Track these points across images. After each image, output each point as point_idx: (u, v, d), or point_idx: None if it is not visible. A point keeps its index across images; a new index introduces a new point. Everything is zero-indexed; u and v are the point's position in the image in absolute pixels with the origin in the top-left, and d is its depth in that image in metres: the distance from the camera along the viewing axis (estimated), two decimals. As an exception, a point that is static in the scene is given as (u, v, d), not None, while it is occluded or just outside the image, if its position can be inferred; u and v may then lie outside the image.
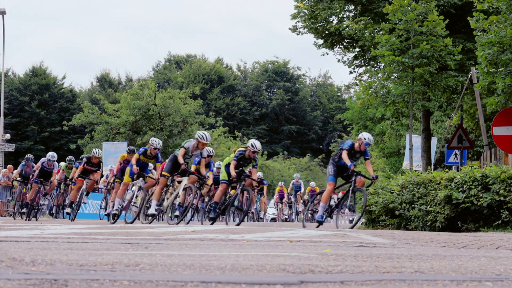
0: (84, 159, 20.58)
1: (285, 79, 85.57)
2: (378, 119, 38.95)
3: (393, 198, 14.47)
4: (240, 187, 17.15)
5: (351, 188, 14.92)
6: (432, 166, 24.47)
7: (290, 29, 31.09)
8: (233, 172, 16.57)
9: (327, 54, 33.82)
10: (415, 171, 19.07)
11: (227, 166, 17.25)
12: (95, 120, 50.83)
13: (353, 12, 30.52)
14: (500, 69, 20.46)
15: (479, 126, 25.91)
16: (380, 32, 27.26)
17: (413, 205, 13.97)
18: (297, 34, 31.33)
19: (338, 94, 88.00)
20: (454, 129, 30.67)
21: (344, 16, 30.71)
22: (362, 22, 29.13)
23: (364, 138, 15.08)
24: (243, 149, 17.05)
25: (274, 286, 2.57)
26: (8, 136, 37.64)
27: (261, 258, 3.89)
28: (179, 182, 16.99)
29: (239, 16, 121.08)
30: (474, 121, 30.00)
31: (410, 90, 25.78)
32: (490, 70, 20.59)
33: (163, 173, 16.70)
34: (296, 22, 31.07)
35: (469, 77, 24.89)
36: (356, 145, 15.01)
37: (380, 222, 14.67)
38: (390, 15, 25.60)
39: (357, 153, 15.02)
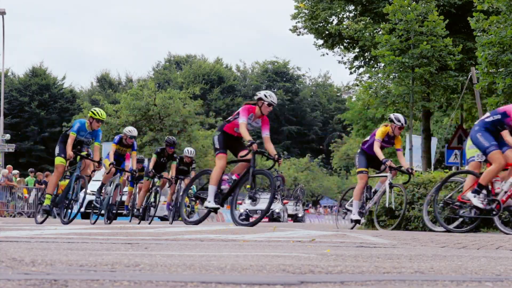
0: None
1: (285, 79, 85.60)
2: (378, 119, 38.90)
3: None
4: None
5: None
6: (432, 167, 24.47)
7: (290, 30, 31.10)
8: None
9: (327, 54, 33.85)
10: (415, 171, 19.04)
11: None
12: (95, 121, 50.74)
13: (353, 12, 30.53)
14: (500, 69, 20.46)
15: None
16: (380, 32, 27.25)
17: (413, 206, 13.96)
18: (298, 35, 31.35)
19: (338, 94, 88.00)
20: (454, 129, 30.65)
21: (344, 16, 30.72)
22: (362, 22, 29.13)
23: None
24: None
25: (274, 286, 2.57)
26: (8, 136, 37.62)
27: (261, 258, 3.89)
28: None
29: (239, 16, 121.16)
30: (474, 121, 30.00)
31: (410, 90, 25.76)
32: (490, 71, 20.60)
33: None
34: (296, 23, 31.09)
35: (469, 77, 24.88)
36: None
37: (380, 223, 14.66)
38: (390, 15, 25.59)
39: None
